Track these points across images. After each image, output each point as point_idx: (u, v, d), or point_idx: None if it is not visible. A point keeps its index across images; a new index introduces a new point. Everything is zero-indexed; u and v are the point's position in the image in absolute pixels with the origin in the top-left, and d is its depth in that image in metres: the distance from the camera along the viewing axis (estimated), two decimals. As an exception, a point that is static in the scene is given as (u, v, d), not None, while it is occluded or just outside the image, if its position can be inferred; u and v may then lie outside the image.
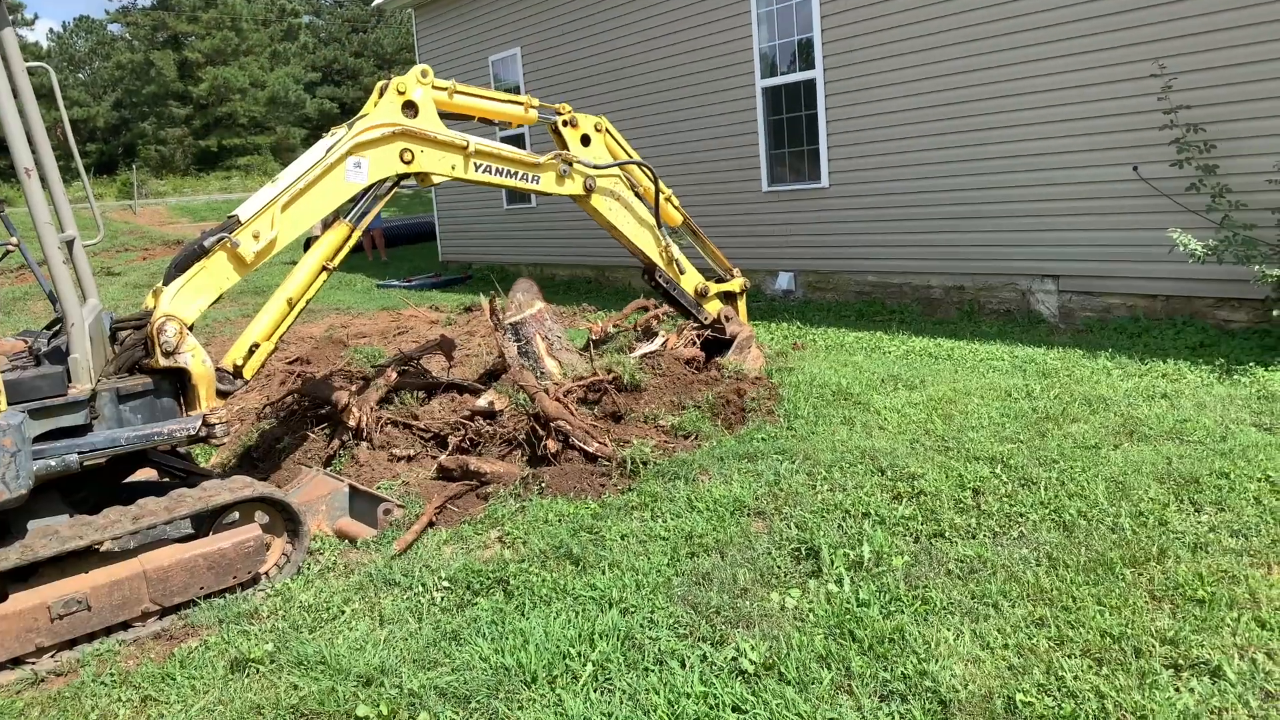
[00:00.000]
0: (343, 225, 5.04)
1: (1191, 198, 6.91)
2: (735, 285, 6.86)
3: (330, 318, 11.09)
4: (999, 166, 8.30)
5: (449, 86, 5.28)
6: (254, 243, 4.50)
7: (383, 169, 4.98)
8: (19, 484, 3.67)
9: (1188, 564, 3.52)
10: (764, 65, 10.23)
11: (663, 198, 6.23)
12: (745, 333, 6.59)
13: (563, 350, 6.04)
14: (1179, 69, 6.96)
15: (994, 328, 8.16)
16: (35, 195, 3.89)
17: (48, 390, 3.89)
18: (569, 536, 4.28)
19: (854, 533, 4.03)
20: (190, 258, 4.40)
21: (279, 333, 4.81)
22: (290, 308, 4.85)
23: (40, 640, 3.67)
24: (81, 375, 3.99)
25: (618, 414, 5.56)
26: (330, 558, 4.49)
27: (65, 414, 3.93)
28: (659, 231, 6.23)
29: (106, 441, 4.01)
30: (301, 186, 4.68)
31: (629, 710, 2.97)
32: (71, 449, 3.91)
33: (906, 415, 5.56)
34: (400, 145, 5.02)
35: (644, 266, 6.37)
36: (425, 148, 5.11)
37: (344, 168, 4.82)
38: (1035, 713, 2.76)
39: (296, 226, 4.71)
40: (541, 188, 5.64)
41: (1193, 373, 6.10)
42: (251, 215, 4.51)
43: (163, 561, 3.95)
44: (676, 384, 5.92)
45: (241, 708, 3.21)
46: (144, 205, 30.73)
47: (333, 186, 4.81)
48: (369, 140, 4.90)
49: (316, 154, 4.80)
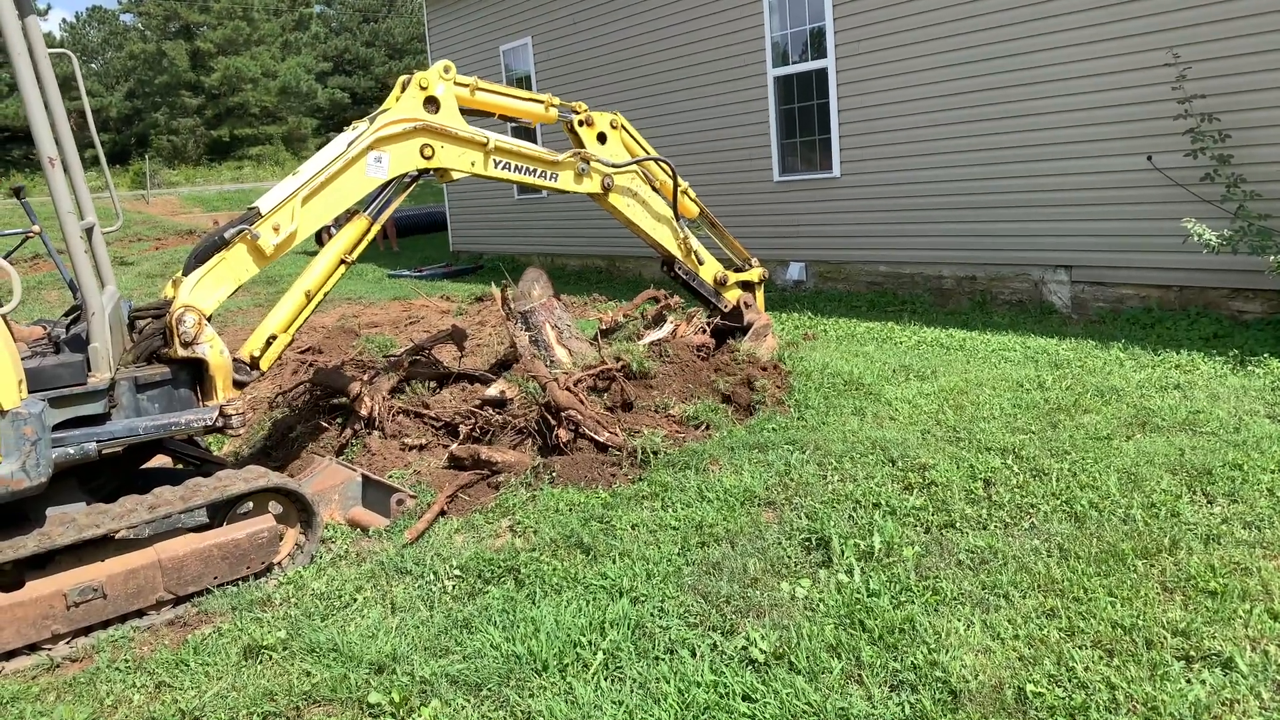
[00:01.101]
0: (362, 219, 5.05)
1: (1206, 188, 6.86)
2: (754, 275, 6.85)
3: (342, 307, 11.13)
4: (1012, 156, 8.26)
5: (471, 83, 5.28)
6: (274, 235, 4.52)
7: (403, 164, 4.99)
8: (39, 472, 3.70)
9: (1200, 556, 3.51)
10: (775, 54, 10.19)
11: (679, 191, 6.23)
12: (762, 321, 6.60)
13: (572, 339, 6.04)
14: (1193, 58, 6.91)
15: (1006, 318, 8.13)
16: (58, 184, 3.90)
17: (68, 379, 3.92)
18: (580, 526, 4.29)
19: (864, 523, 4.03)
20: (210, 249, 4.42)
21: (296, 325, 4.83)
22: (308, 300, 4.87)
23: (56, 627, 3.71)
24: (101, 364, 4.01)
25: (629, 403, 5.56)
26: (342, 546, 4.51)
27: (85, 403, 3.96)
28: (677, 224, 6.23)
29: (125, 431, 4.04)
30: (322, 180, 4.69)
31: (640, 699, 2.98)
32: (90, 437, 3.94)
33: (918, 406, 5.55)
34: (421, 141, 5.02)
35: (663, 259, 6.37)
36: (446, 144, 5.11)
37: (365, 162, 4.83)
38: (1046, 703, 2.76)
39: (317, 220, 4.72)
40: (560, 185, 5.64)
41: (1206, 364, 6.07)
42: (272, 208, 4.52)
43: (178, 551, 3.98)
44: (686, 371, 5.92)
45: (254, 694, 3.23)
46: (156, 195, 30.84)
47: (353, 181, 4.82)
48: (390, 135, 4.91)
49: (338, 148, 4.81)
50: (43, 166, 3.87)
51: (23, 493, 3.69)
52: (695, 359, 6.07)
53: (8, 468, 3.63)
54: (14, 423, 3.64)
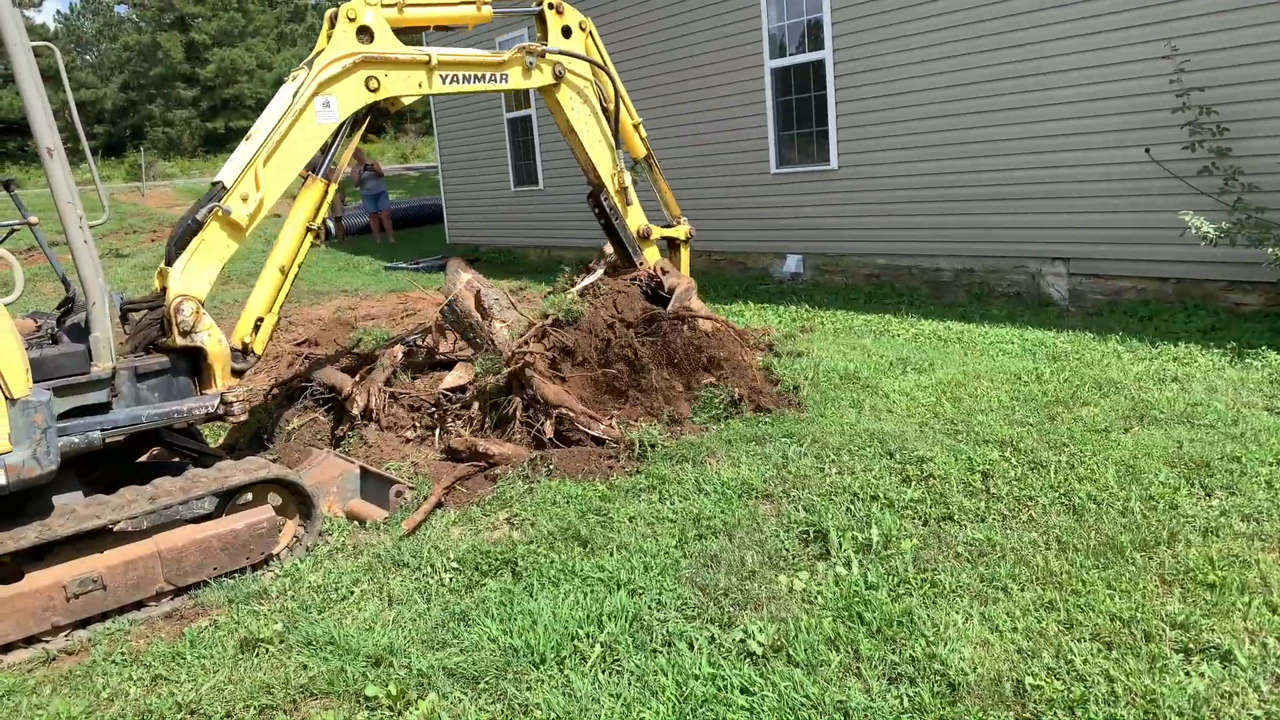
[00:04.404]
0: (317, 182, 5.03)
1: (1204, 180, 6.85)
2: (681, 232, 6.75)
3: (338, 299, 11.10)
4: (1010, 148, 8.24)
5: (398, 1, 5.18)
6: (244, 205, 4.52)
7: (352, 103, 4.95)
8: (49, 460, 3.72)
9: (1198, 548, 3.51)
10: (773, 46, 10.15)
11: (630, 123, 6.21)
12: (684, 284, 6.29)
13: (506, 311, 6.01)
14: (1191, 50, 6.89)
15: (1003, 311, 8.13)
16: (57, 175, 3.92)
17: (71, 368, 3.95)
18: (577, 518, 4.29)
19: (862, 516, 4.03)
20: (187, 233, 4.42)
21: (279, 303, 4.86)
22: (284, 275, 4.89)
23: (56, 619, 3.70)
24: (103, 354, 4.04)
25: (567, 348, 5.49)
26: (339, 539, 4.50)
27: (88, 391, 4.00)
28: (616, 154, 6.18)
29: (128, 419, 4.07)
30: (277, 138, 4.66)
31: (637, 691, 2.97)
32: (94, 426, 3.97)
33: (915, 398, 5.55)
34: (364, 74, 4.97)
35: (591, 187, 6.27)
36: (389, 70, 5.06)
37: (313, 110, 4.79)
38: (1044, 696, 2.76)
39: (281, 180, 4.71)
40: (511, 85, 5.61)
41: (1204, 356, 6.07)
42: (236, 178, 4.52)
43: (177, 542, 3.98)
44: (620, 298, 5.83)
45: (251, 687, 3.22)
46: (152, 188, 30.72)
47: (307, 131, 4.78)
48: (332, 76, 4.86)
49: (284, 101, 4.76)
50: (40, 158, 3.88)
51: (34, 481, 3.70)
52: (627, 288, 5.97)
53: (19, 456, 3.63)
54: (24, 411, 3.65)
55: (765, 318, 8.61)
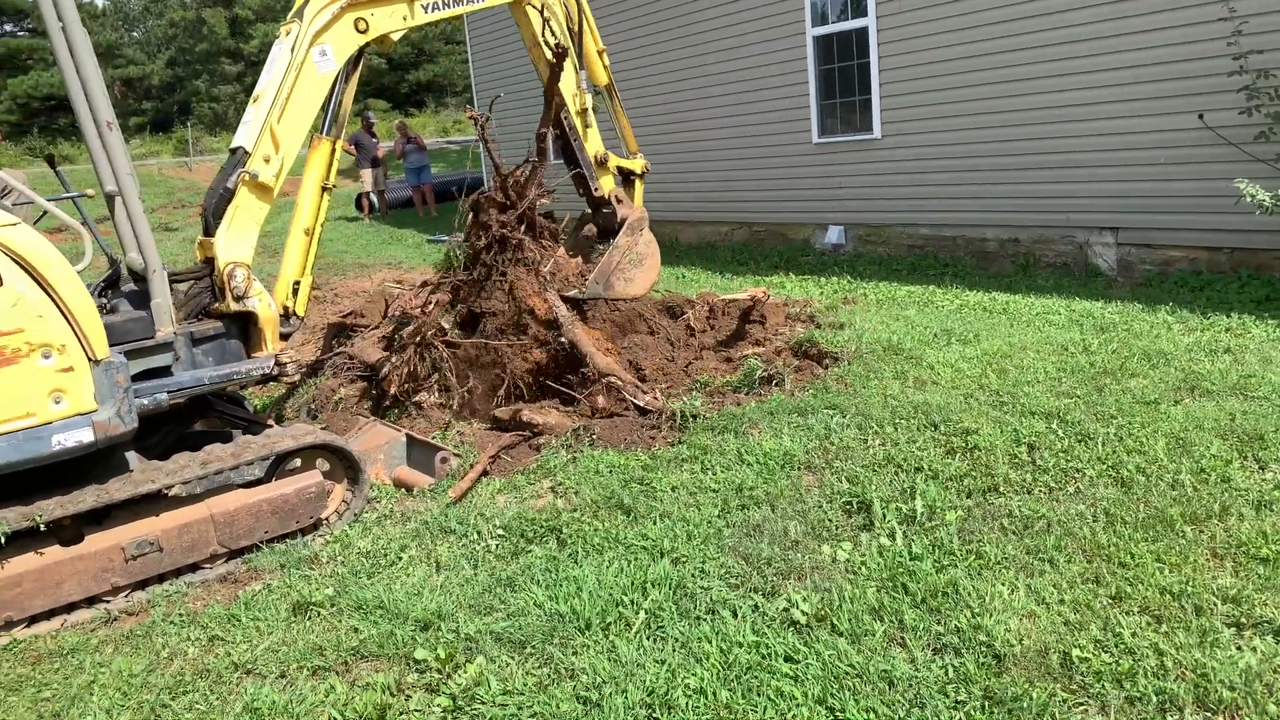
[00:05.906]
0: (323, 141, 5.18)
1: (1260, 147, 6.66)
2: (637, 165, 6.83)
3: (382, 272, 11.21)
4: (1056, 115, 8.07)
5: None
6: (267, 167, 4.65)
7: (345, 48, 5.06)
8: (131, 418, 3.90)
9: (1251, 522, 3.46)
10: (814, 13, 10.00)
11: (595, 49, 6.31)
12: (636, 215, 6.37)
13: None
14: (1249, 11, 6.68)
15: (1050, 281, 8.00)
16: (116, 148, 4.06)
17: (139, 333, 4.13)
18: (620, 487, 4.32)
19: (906, 487, 4.01)
20: (221, 202, 4.57)
21: (309, 263, 5.01)
22: (309, 237, 5.05)
23: (116, 580, 3.82)
24: (164, 319, 4.23)
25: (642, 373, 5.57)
26: (387, 505, 4.58)
27: (154, 355, 4.18)
28: (580, 75, 6.25)
29: (191, 380, 4.27)
30: (285, 95, 4.75)
31: (682, 658, 3.01)
32: (161, 388, 4.16)
33: (960, 370, 5.49)
34: (352, 17, 5.06)
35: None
36: (374, 9, 5.16)
37: (312, 60, 4.89)
38: (1092, 669, 2.74)
39: (297, 135, 4.82)
40: (486, 3, 5.75)
41: (1258, 327, 5.94)
42: (255, 141, 4.63)
43: (229, 506, 4.08)
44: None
45: (304, 648, 3.31)
46: (199, 162, 31.13)
47: (311, 83, 4.88)
48: (324, 25, 4.95)
49: (283, 58, 4.84)
50: (100, 130, 3.99)
51: (118, 438, 3.88)
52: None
53: (105, 414, 3.81)
54: (107, 371, 3.82)
55: (807, 289, 8.55)
